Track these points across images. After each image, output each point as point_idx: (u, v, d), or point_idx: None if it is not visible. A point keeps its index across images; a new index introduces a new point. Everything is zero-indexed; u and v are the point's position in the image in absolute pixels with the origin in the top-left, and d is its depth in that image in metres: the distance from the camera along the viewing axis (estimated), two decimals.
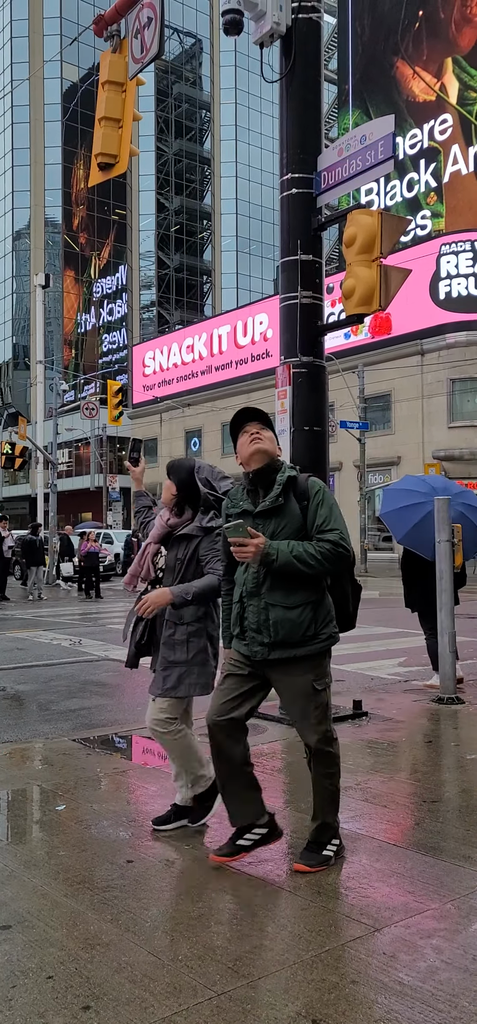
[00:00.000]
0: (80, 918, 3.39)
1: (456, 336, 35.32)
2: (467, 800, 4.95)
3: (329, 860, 3.88)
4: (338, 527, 3.72)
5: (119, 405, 29.43)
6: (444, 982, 2.85)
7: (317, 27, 7.39)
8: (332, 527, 3.70)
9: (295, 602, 3.72)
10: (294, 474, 3.84)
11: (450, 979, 2.87)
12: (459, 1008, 2.69)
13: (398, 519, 8.61)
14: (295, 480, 3.82)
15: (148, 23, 7.59)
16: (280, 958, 3.04)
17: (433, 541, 8.04)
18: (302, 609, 3.72)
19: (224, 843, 3.98)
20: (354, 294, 6.80)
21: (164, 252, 73.80)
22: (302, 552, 3.64)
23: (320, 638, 3.78)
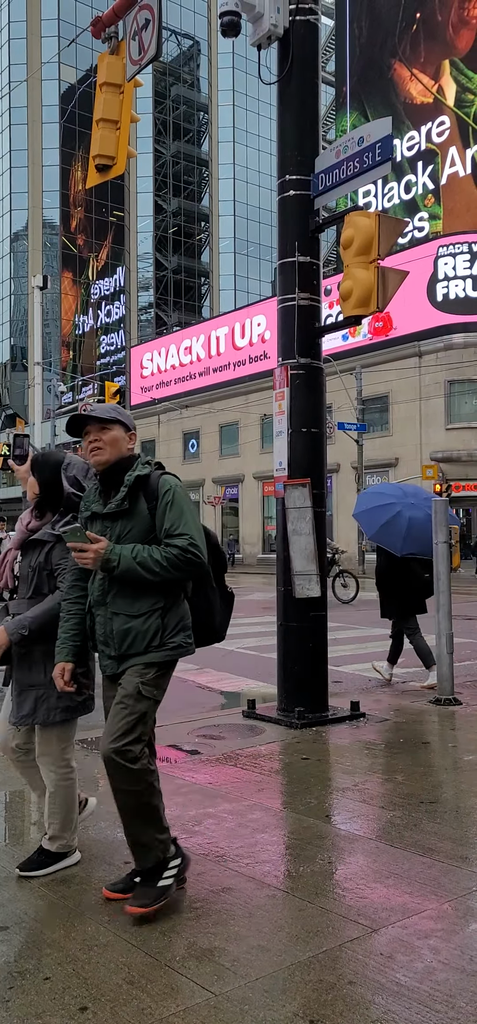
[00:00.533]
0: (78, 919, 3.39)
1: (454, 338, 35.36)
2: (464, 801, 4.96)
3: (167, 890, 3.43)
4: (188, 531, 3.40)
5: None
6: (441, 983, 2.86)
7: (314, 29, 7.40)
8: (181, 531, 3.39)
9: (141, 609, 3.41)
10: (145, 472, 3.51)
11: (447, 980, 2.88)
12: (456, 1008, 2.69)
13: (369, 518, 9.27)
14: (145, 479, 3.50)
15: (146, 25, 7.60)
16: (277, 959, 3.04)
17: (401, 538, 8.75)
18: (148, 616, 3.41)
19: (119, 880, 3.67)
20: (352, 296, 6.81)
21: (162, 254, 73.82)
22: (146, 558, 3.34)
23: (167, 647, 3.44)
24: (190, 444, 50.74)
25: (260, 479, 44.14)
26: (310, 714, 6.97)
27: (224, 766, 5.73)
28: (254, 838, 4.30)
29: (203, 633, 3.79)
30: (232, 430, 46.91)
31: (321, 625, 7.25)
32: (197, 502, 49.54)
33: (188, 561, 3.37)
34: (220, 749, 6.20)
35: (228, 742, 6.44)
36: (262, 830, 4.42)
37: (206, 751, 6.16)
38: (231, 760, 5.88)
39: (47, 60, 64.01)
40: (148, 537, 3.45)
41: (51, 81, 68.73)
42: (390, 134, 6.70)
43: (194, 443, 50.35)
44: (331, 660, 7.80)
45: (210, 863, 3.97)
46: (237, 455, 46.61)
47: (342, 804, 4.95)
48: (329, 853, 4.11)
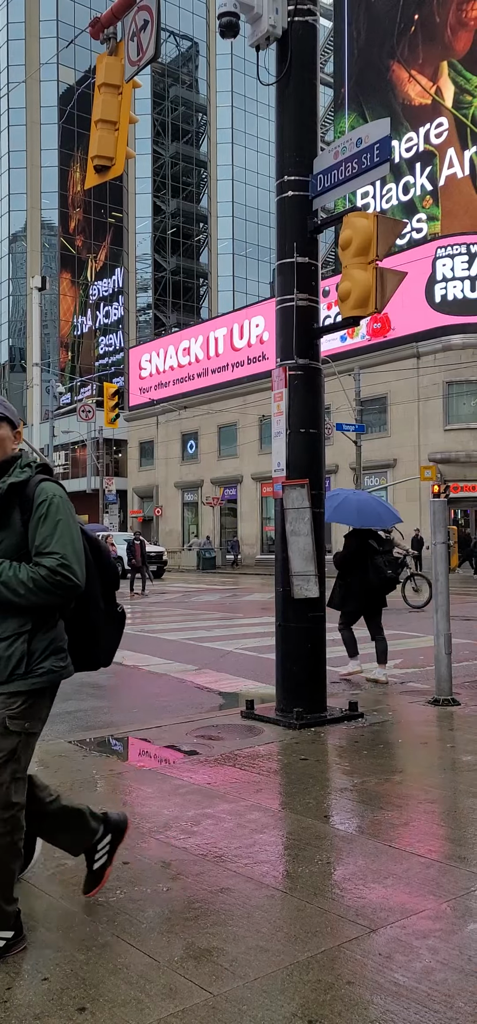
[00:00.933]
0: (76, 920, 3.39)
1: (452, 339, 35.39)
2: (462, 802, 4.96)
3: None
4: (60, 550, 3.00)
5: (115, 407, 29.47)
6: (440, 983, 2.86)
7: (313, 30, 7.41)
8: (52, 549, 3.00)
9: (4, 632, 3.02)
10: (21, 479, 3.11)
11: (446, 980, 2.88)
12: (455, 1008, 2.70)
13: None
14: (22, 486, 3.10)
15: (144, 26, 7.60)
16: (276, 959, 3.04)
17: (355, 512, 9.51)
18: (12, 640, 3.02)
19: (85, 881, 3.59)
20: (350, 296, 6.81)
21: (160, 255, 73.86)
22: (12, 577, 2.97)
23: (34, 673, 3.04)
24: (189, 445, 50.74)
25: (259, 480, 44.15)
26: (309, 714, 6.98)
27: (222, 766, 5.73)
28: (252, 838, 4.30)
29: (85, 657, 3.40)
30: (231, 431, 46.92)
31: (320, 626, 7.25)
32: (196, 503, 49.58)
33: (57, 584, 2.99)
34: (218, 750, 6.21)
35: (226, 743, 6.44)
36: (261, 830, 4.42)
37: (204, 751, 6.16)
38: (230, 760, 5.88)
39: (46, 61, 64.02)
40: (20, 552, 3.06)
41: (50, 82, 68.73)
42: (388, 135, 6.71)
43: (193, 444, 50.35)
44: (329, 661, 7.80)
45: (209, 863, 3.97)
46: (236, 456, 46.61)
47: (340, 804, 4.95)
48: (328, 853, 4.11)
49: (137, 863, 3.98)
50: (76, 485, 59.62)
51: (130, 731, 7.14)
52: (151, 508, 52.73)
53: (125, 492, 55.86)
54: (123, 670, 10.65)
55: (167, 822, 4.56)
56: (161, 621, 16.34)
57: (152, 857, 4.06)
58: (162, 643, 13.11)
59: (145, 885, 3.73)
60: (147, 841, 4.29)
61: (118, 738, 6.88)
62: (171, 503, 50.95)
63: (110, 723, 7.47)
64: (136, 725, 7.38)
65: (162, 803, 4.90)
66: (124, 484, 56.37)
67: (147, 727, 7.19)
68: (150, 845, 4.23)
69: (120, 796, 5.14)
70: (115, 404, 29.59)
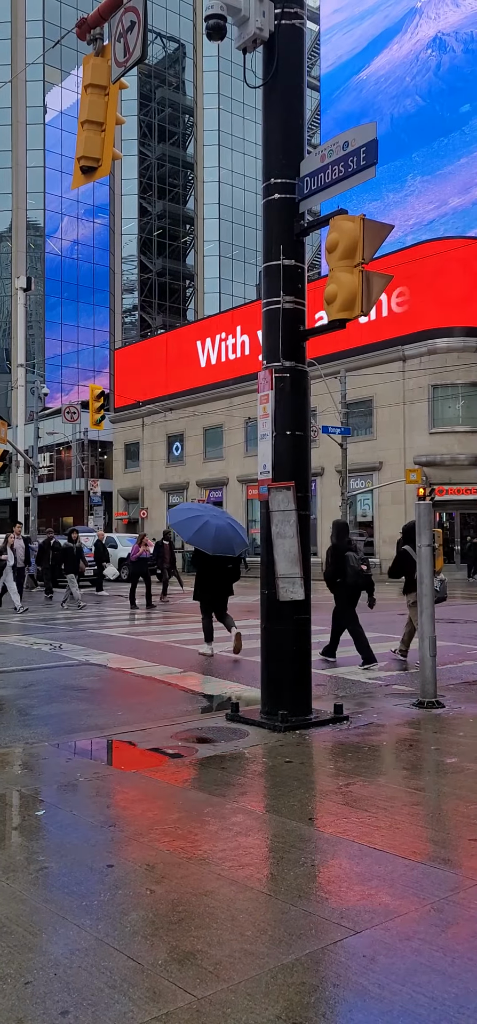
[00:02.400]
0: (60, 923, 3.37)
1: (437, 342, 35.55)
2: (446, 803, 4.97)
3: None
4: None
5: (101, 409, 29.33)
6: (423, 984, 2.86)
7: (300, 33, 7.42)
8: None
9: None
10: None
11: (429, 982, 2.88)
12: (438, 1011, 2.70)
13: (185, 527, 12.01)
14: None
15: (131, 27, 7.58)
16: (260, 962, 3.03)
17: (211, 540, 11.51)
18: None
19: None
20: (336, 299, 6.82)
21: (146, 256, 73.76)
22: None
23: None
24: (174, 447, 50.68)
25: (244, 482, 44.15)
26: (293, 717, 6.98)
27: (207, 769, 5.72)
28: (237, 841, 4.29)
29: None
30: (216, 433, 46.90)
31: (305, 628, 7.26)
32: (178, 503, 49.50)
33: None
34: (203, 752, 6.20)
35: (211, 745, 6.43)
36: (245, 833, 4.42)
37: (189, 754, 6.15)
38: (214, 763, 5.87)
39: (32, 61, 63.81)
40: None
41: (36, 82, 68.50)
42: (375, 139, 6.72)
43: (178, 446, 50.29)
44: (314, 663, 7.81)
45: (193, 866, 3.96)
46: (221, 458, 46.60)
47: (325, 807, 4.95)
48: (312, 856, 4.11)
49: (121, 866, 3.97)
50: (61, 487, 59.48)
51: (114, 734, 7.11)
52: (136, 510, 52.60)
53: (110, 494, 55.70)
54: (107, 673, 10.61)
55: (151, 825, 4.55)
56: (146, 624, 16.31)
57: (136, 860, 4.04)
58: (147, 646, 13.08)
59: (129, 888, 3.72)
60: (131, 844, 4.28)
61: (102, 741, 6.85)
62: (156, 505, 50.84)
63: (94, 726, 7.44)
64: (120, 728, 7.35)
65: (146, 806, 4.89)
66: (109, 486, 56.21)
67: (131, 730, 7.17)
68: (134, 848, 4.21)
69: (104, 799, 5.12)
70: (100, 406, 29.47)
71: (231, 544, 11.73)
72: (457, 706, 7.90)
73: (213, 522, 11.80)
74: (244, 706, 7.56)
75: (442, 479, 34.83)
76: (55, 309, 72.10)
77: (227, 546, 11.67)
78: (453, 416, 35.82)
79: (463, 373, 35.23)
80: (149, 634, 14.51)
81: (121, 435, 55.11)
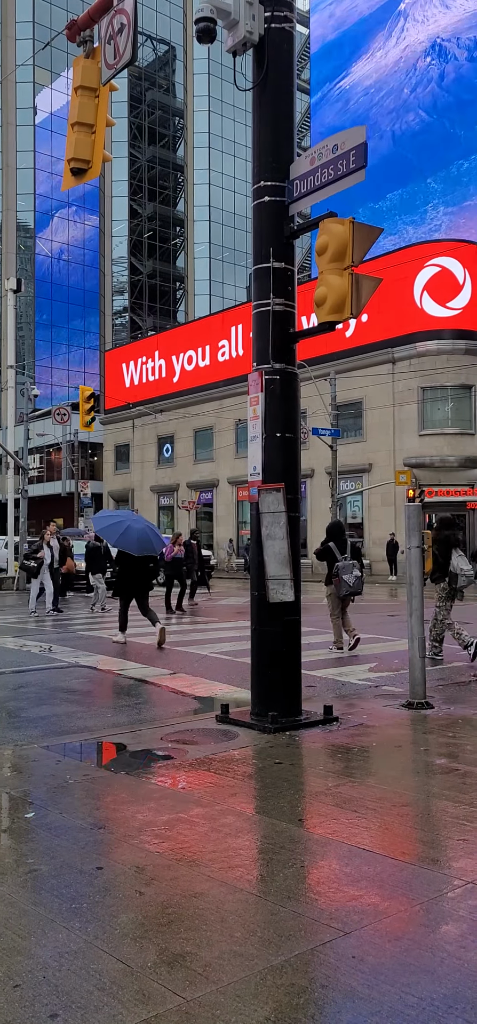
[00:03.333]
0: (49, 926, 3.37)
1: (427, 345, 35.66)
2: (435, 804, 4.99)
3: None
4: None
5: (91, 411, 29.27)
6: (412, 985, 2.87)
7: (289, 37, 7.44)
8: None
9: None
10: None
11: (418, 982, 2.89)
12: (427, 1012, 2.71)
13: (109, 532, 13.68)
14: None
15: (121, 29, 7.59)
16: (249, 963, 3.04)
17: (135, 542, 13.13)
18: None
19: None
20: (326, 302, 6.84)
21: (137, 258, 73.71)
22: None
23: None
24: (165, 449, 50.64)
25: (235, 484, 44.16)
26: (283, 718, 6.98)
27: (197, 771, 5.72)
28: (227, 843, 4.29)
29: None
30: (207, 435, 46.90)
31: (295, 629, 7.27)
32: (172, 507, 49.49)
33: None
34: (193, 754, 6.19)
35: (201, 747, 6.43)
36: (235, 835, 4.42)
37: (179, 756, 6.15)
38: (204, 765, 5.87)
39: (21, 63, 63.67)
40: None
41: (26, 84, 68.36)
42: (364, 142, 6.74)
43: (168, 448, 50.25)
44: (305, 664, 7.82)
45: (183, 868, 3.96)
46: (212, 460, 46.59)
47: (315, 808, 4.96)
48: (302, 857, 4.11)
49: (110, 868, 3.96)
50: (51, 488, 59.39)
51: (104, 736, 7.10)
52: None
53: (100, 495, 55.61)
54: (97, 675, 10.59)
55: (141, 827, 4.54)
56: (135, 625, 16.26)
57: (126, 862, 4.04)
58: (137, 647, 13.06)
59: (118, 890, 3.71)
60: (121, 846, 4.27)
61: (92, 743, 6.84)
62: (147, 507, 50.78)
63: (84, 728, 7.43)
64: (110, 730, 7.34)
65: (136, 808, 4.88)
66: (99, 487, 56.12)
67: (121, 732, 7.16)
68: (124, 850, 4.21)
69: (93, 801, 5.12)
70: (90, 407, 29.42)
71: (152, 545, 13.56)
72: (446, 707, 7.92)
73: (134, 526, 13.45)
74: (234, 707, 7.56)
75: (431, 481, 34.94)
76: (45, 311, 71.98)
77: (148, 547, 13.43)
78: (442, 418, 35.94)
79: (452, 375, 35.37)
80: (139, 636, 14.49)
81: (111, 437, 55.03)
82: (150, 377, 51.30)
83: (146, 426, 50.94)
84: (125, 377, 53.55)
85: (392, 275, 30.88)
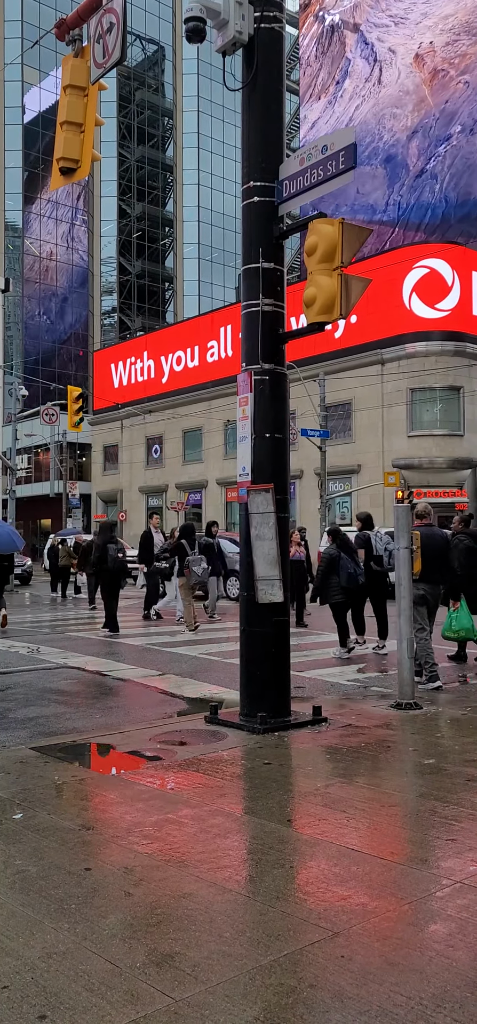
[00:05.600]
0: (37, 927, 3.35)
1: (415, 346, 35.77)
2: (423, 804, 5.00)
3: None
4: None
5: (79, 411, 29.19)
6: (400, 984, 2.88)
7: (279, 37, 7.44)
8: None
9: None
10: None
11: (407, 981, 2.90)
12: (416, 1011, 2.71)
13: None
14: None
15: (110, 29, 7.57)
16: (238, 963, 3.03)
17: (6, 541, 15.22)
18: None
19: None
20: (315, 303, 6.85)
21: (126, 258, 73.57)
22: None
23: None
24: (153, 449, 50.56)
25: (223, 485, 44.13)
26: (272, 719, 6.99)
27: (186, 772, 5.71)
28: (215, 843, 4.29)
29: None
30: (196, 436, 46.86)
31: (284, 630, 7.27)
32: (160, 507, 49.42)
33: None
34: (182, 755, 6.19)
35: (190, 748, 6.42)
36: (224, 835, 4.42)
37: (168, 757, 6.14)
38: (193, 766, 5.86)
39: (10, 61, 63.45)
40: None
41: (14, 83, 68.14)
42: (354, 143, 6.76)
43: (157, 448, 50.18)
44: (293, 665, 7.82)
45: (171, 869, 3.95)
46: (201, 461, 46.56)
47: (304, 808, 4.97)
48: (290, 857, 4.12)
49: (99, 869, 3.95)
50: (39, 489, 59.20)
51: (93, 737, 7.09)
52: (115, 512, 52.44)
53: (89, 496, 55.47)
54: (86, 676, 10.56)
55: (129, 828, 4.54)
56: (124, 626, 16.23)
57: (115, 863, 4.03)
58: (125, 648, 13.04)
59: (107, 891, 3.70)
60: (109, 847, 4.26)
61: (80, 744, 6.82)
62: (135, 507, 50.70)
63: (73, 729, 7.40)
64: (99, 731, 7.32)
65: (125, 809, 4.87)
66: (88, 488, 55.97)
67: (110, 733, 7.14)
68: (112, 851, 4.20)
69: (82, 802, 5.10)
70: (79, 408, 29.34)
71: (13, 541, 15.34)
72: (435, 707, 7.95)
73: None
74: (223, 708, 7.55)
75: (420, 482, 35.02)
76: (34, 310, 71.80)
77: (9, 544, 15.25)
78: (431, 419, 36.05)
79: (441, 377, 35.47)
80: (129, 637, 14.46)
81: (100, 437, 54.90)
82: (139, 377, 51.21)
83: (135, 427, 50.85)
84: (114, 377, 53.43)
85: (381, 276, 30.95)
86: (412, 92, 49.85)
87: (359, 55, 53.38)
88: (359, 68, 53.18)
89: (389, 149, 50.45)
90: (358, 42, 53.54)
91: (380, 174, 50.35)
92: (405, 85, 50.27)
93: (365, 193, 50.85)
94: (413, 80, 49.97)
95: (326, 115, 54.22)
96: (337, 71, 54.77)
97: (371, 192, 50.62)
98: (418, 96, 49.42)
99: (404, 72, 50.50)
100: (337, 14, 54.96)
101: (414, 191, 48.79)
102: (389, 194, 49.96)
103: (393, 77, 51.11)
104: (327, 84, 55.30)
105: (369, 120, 51.89)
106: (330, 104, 54.74)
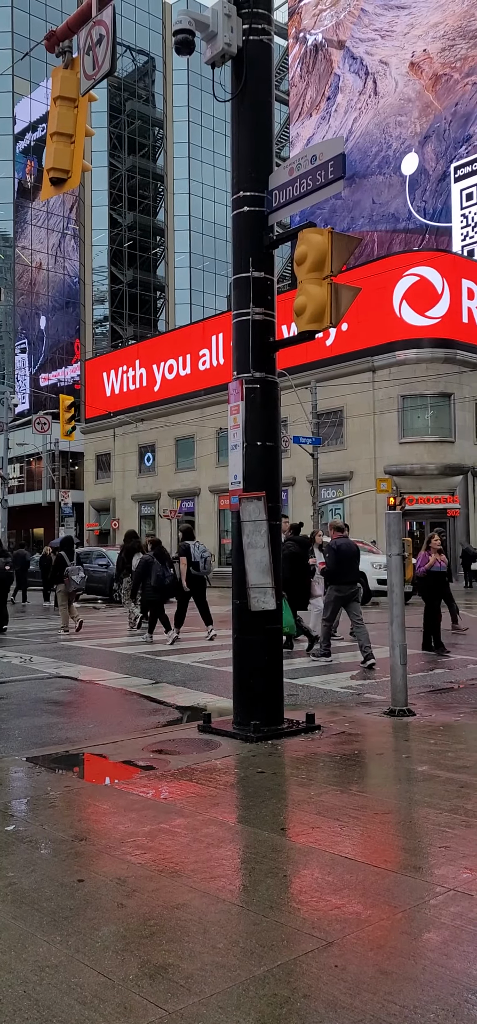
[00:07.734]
0: (29, 940, 3.34)
1: (406, 353, 35.88)
2: (417, 812, 5.00)
3: None
4: None
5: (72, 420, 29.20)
6: (394, 992, 2.87)
7: (268, 49, 7.48)
8: None
9: None
10: None
11: (400, 990, 2.90)
12: (410, 1020, 2.71)
13: None
14: None
15: (100, 40, 7.60)
16: (232, 974, 3.03)
17: None
18: None
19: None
20: (305, 311, 6.87)
21: (117, 267, 73.61)
22: None
23: None
24: (146, 458, 50.54)
25: (216, 492, 44.13)
26: (265, 727, 6.98)
27: (179, 781, 5.70)
28: (209, 853, 4.28)
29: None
30: (188, 444, 46.86)
31: (276, 638, 7.27)
32: (153, 516, 49.39)
33: None
34: (175, 764, 6.18)
35: (183, 757, 6.41)
36: (217, 845, 4.41)
37: (161, 766, 6.12)
38: (186, 775, 5.85)
39: (0, 72, 63.51)
40: None
41: (5, 93, 68.21)
42: (342, 153, 6.80)
43: (150, 456, 50.17)
44: (286, 673, 7.82)
45: (165, 879, 3.94)
46: (193, 469, 46.56)
47: (297, 817, 4.96)
48: (284, 866, 4.11)
49: (92, 880, 3.94)
50: (32, 498, 59.10)
51: (86, 747, 7.07)
52: (108, 521, 52.38)
53: (81, 505, 55.39)
54: (79, 685, 10.54)
55: (122, 838, 4.52)
56: (117, 635, 16.21)
57: (107, 874, 4.02)
58: (118, 657, 13.01)
59: (100, 903, 3.69)
60: (102, 858, 4.25)
61: (73, 754, 6.80)
62: (128, 516, 50.63)
63: (65, 739, 7.38)
64: (92, 741, 7.31)
65: (118, 819, 4.86)
66: (80, 497, 55.88)
67: (103, 743, 7.13)
68: (105, 862, 4.19)
69: (75, 813, 5.08)
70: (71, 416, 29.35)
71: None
72: (428, 714, 7.95)
73: None
74: (216, 717, 7.55)
75: (412, 488, 35.11)
76: (25, 320, 71.76)
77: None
78: (422, 426, 36.16)
79: (431, 384, 35.58)
80: (121, 646, 14.44)
81: (92, 446, 54.86)
82: (131, 386, 51.20)
83: (127, 435, 50.83)
84: (106, 386, 53.41)
85: (371, 284, 31.06)
86: (414, 99, 49.90)
87: (348, 70, 53.52)
88: (350, 82, 53.31)
89: (400, 157, 50.47)
90: (345, 58, 53.71)
91: (396, 182, 50.41)
92: (405, 93, 50.34)
93: (383, 203, 50.91)
94: (413, 88, 50.03)
95: (321, 130, 54.27)
96: (326, 87, 54.91)
97: (390, 201, 50.60)
98: (422, 102, 49.48)
99: (401, 81, 50.59)
100: (319, 33, 55.15)
101: (439, 195, 48.74)
102: (411, 199, 50.00)
103: (390, 87, 51.22)
104: (317, 101, 55.41)
105: (372, 131, 51.95)
106: (324, 119, 54.78)
